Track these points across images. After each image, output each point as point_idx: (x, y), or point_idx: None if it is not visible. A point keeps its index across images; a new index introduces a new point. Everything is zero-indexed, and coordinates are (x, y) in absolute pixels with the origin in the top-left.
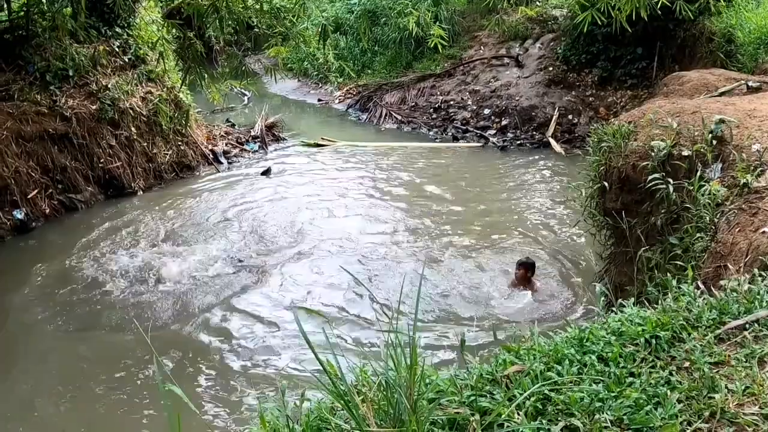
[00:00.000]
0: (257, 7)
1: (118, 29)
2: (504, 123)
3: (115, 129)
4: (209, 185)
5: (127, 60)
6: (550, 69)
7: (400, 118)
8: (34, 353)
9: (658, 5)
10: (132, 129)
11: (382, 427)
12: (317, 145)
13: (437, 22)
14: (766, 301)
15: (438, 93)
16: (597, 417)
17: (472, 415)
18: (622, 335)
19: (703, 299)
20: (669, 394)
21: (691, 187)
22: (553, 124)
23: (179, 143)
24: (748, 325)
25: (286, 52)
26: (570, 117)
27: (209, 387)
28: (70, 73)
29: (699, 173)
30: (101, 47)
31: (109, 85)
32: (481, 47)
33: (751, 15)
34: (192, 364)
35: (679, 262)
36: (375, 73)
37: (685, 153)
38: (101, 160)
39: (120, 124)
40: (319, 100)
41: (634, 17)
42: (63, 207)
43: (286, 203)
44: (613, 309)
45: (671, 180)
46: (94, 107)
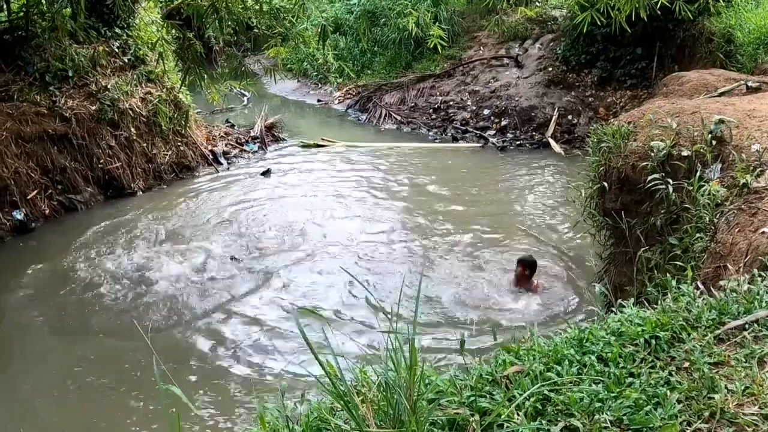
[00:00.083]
0: (257, 7)
1: (117, 30)
2: (503, 123)
3: (115, 129)
4: (209, 186)
5: (126, 60)
6: (550, 69)
7: (399, 118)
8: (32, 353)
9: (658, 5)
10: (131, 129)
11: (382, 428)
12: (317, 145)
13: (437, 23)
14: (766, 302)
15: (437, 93)
16: (597, 417)
17: (472, 415)
18: (622, 335)
19: (703, 299)
20: (669, 394)
21: (690, 188)
22: (552, 125)
23: (179, 144)
24: (747, 326)
25: (286, 53)
26: (569, 117)
27: (208, 387)
28: (70, 73)
29: (698, 173)
30: (101, 48)
31: (108, 86)
32: (481, 48)
33: (751, 15)
34: (191, 364)
35: (678, 263)
36: (374, 73)
37: (684, 153)
38: (101, 161)
39: (119, 125)
40: (318, 101)
41: (633, 17)
42: (62, 207)
43: (285, 204)
44: (613, 309)
45: (671, 180)
46: (93, 108)
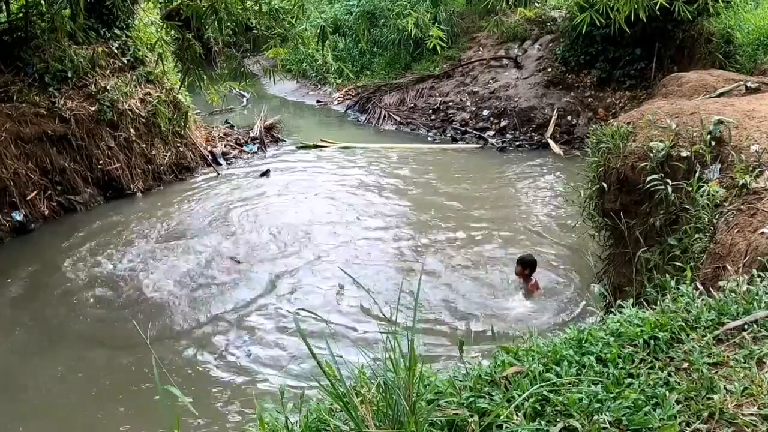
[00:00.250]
0: (256, 8)
1: (116, 31)
2: (503, 124)
3: (114, 130)
4: (208, 186)
5: (125, 61)
6: (549, 70)
7: (398, 119)
8: (31, 353)
9: (657, 6)
10: (131, 130)
11: (381, 429)
12: (316, 146)
13: (436, 24)
14: (765, 302)
15: (437, 94)
16: (596, 418)
17: (471, 416)
18: (621, 336)
19: (702, 300)
20: (668, 394)
21: (689, 188)
22: (551, 125)
23: (178, 144)
24: (746, 326)
25: (285, 54)
26: (569, 118)
27: (208, 388)
28: (69, 74)
29: (698, 174)
30: (100, 49)
31: (107, 87)
32: (480, 48)
33: (750, 16)
34: (190, 365)
35: (677, 263)
36: (374, 74)
37: (683, 154)
38: (100, 162)
39: (119, 126)
40: (317, 102)
41: (632, 18)
42: (62, 208)
43: (284, 204)
44: (612, 310)
45: (670, 181)
46: (93, 109)
